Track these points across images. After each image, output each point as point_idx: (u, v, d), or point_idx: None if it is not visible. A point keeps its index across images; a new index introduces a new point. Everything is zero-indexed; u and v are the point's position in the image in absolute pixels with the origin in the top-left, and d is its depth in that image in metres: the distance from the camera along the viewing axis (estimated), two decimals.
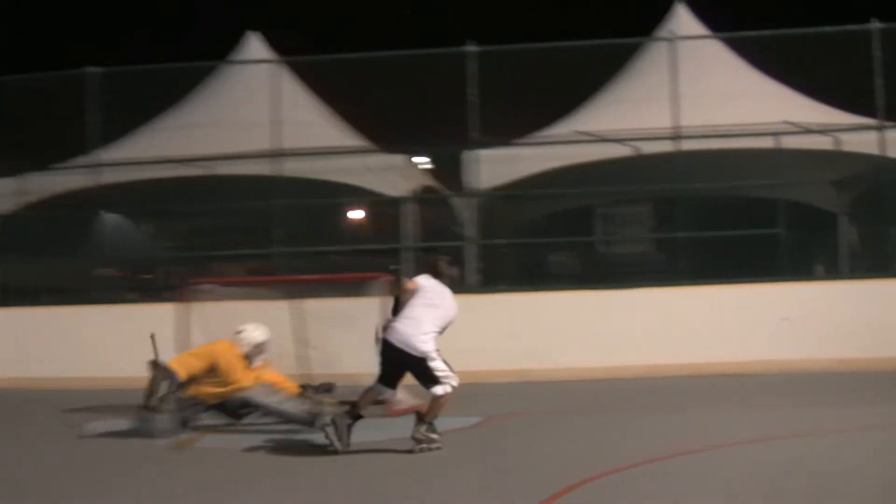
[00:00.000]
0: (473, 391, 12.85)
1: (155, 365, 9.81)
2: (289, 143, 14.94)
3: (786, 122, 14.76)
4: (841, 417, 9.91)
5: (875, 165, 14.73)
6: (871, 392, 11.46)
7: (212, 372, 9.81)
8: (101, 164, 15.38)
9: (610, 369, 13.44)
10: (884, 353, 13.08)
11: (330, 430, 8.59)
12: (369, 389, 8.93)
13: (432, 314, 8.84)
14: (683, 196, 14.41)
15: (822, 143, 15.05)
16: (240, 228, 15.96)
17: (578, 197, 16.03)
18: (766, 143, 14.75)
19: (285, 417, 9.73)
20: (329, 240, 15.43)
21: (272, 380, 10.05)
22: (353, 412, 8.74)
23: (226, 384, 9.80)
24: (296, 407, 9.76)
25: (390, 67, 14.90)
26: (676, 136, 14.44)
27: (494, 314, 13.96)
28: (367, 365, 10.46)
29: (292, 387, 10.13)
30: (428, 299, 8.92)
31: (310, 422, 9.48)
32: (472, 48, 14.63)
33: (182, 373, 9.68)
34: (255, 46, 17.28)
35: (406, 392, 10.88)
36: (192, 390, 9.79)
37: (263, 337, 10.12)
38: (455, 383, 8.73)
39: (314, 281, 11.62)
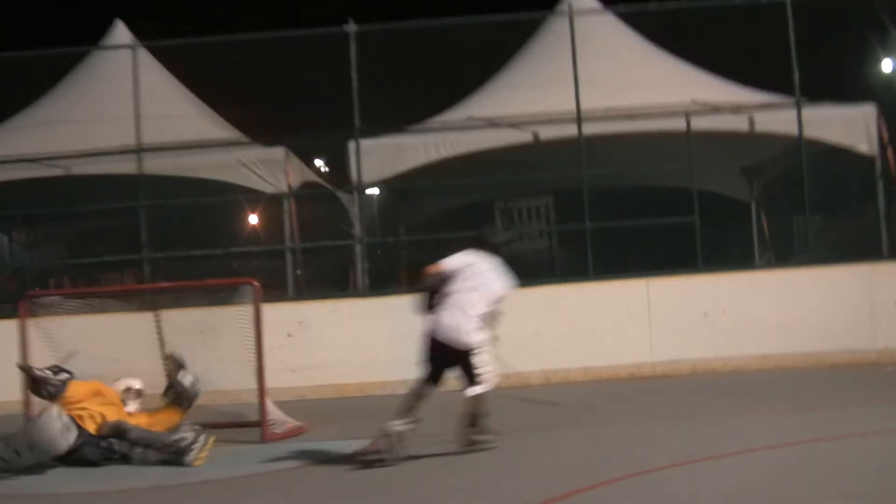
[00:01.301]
0: (357, 407, 11.68)
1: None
2: (155, 138, 13.45)
3: (694, 102, 13.70)
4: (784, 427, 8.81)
5: (791, 146, 13.74)
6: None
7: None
8: None
9: (508, 377, 12.19)
10: (808, 348, 12.17)
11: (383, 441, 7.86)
12: (414, 392, 8.25)
13: (474, 298, 7.97)
14: (588, 184, 13.22)
15: (734, 124, 14.02)
16: (102, 233, 14.28)
17: (474, 190, 14.72)
18: (675, 125, 13.66)
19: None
20: (203, 243, 13.85)
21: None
22: (409, 416, 8.03)
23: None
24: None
25: (265, 50, 13.50)
26: (578, 120, 13.27)
27: (385, 319, 12.69)
28: (237, 380, 9.23)
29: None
30: (467, 280, 8.01)
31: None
32: (351, 27, 13.28)
33: None
34: (120, 33, 15.64)
35: (280, 413, 9.62)
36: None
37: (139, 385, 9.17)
38: (492, 383, 8.08)
39: (172, 288, 10.16)
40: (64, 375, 8.60)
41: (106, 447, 8.49)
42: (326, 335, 12.69)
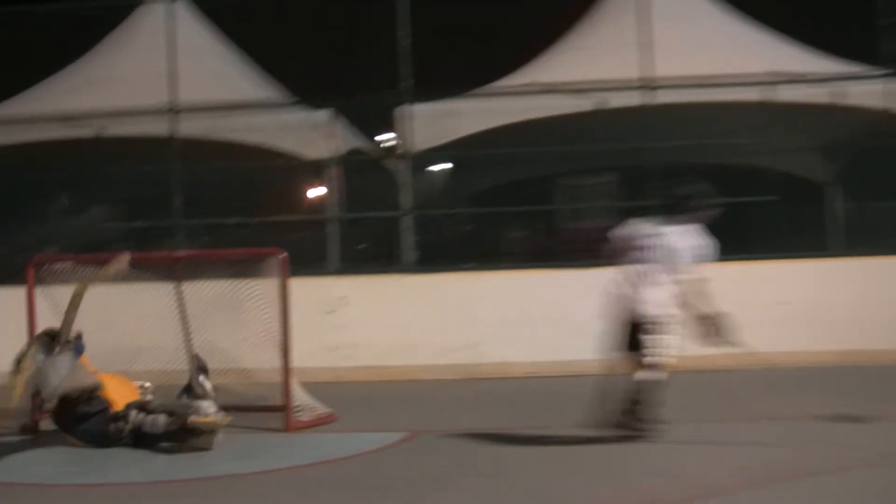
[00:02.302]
0: (403, 393, 10.77)
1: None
2: (193, 98, 12.56)
3: (772, 72, 12.53)
4: None
5: (878, 122, 12.52)
6: None
7: None
8: None
9: (566, 365, 11.21)
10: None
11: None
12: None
13: (657, 270, 7.28)
14: (656, 156, 12.12)
15: (814, 96, 12.81)
16: (132, 198, 13.45)
17: (531, 163, 13.61)
18: (750, 95, 12.51)
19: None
20: (240, 211, 12.95)
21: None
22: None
23: None
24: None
25: (311, 8, 12.52)
26: (648, 87, 12.19)
27: (432, 298, 11.77)
28: (266, 360, 8.35)
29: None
30: (650, 251, 7.32)
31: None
32: None
33: None
34: None
35: (309, 398, 8.72)
36: None
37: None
38: (663, 372, 7.30)
39: (192, 257, 9.25)
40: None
41: (123, 416, 7.69)
42: (369, 313, 11.81)
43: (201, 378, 8.09)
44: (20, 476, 7.18)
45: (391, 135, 12.80)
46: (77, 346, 7.90)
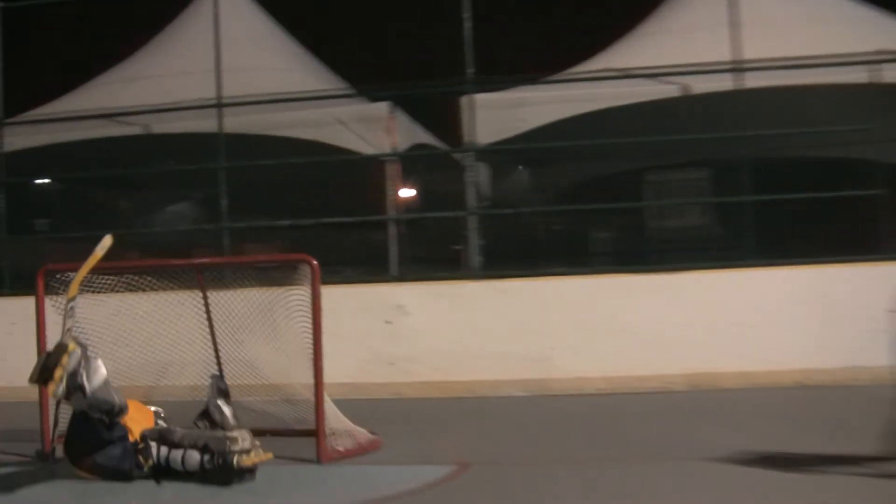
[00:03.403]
0: (463, 412, 9.74)
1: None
2: (240, 91, 11.69)
3: (881, 51, 11.21)
4: None
5: None
6: None
7: None
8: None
9: (646, 381, 10.09)
10: None
11: None
12: None
13: None
14: (745, 146, 10.91)
15: None
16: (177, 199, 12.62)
17: (610, 150, 12.38)
18: (856, 77, 11.21)
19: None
20: (290, 212, 12.03)
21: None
22: None
23: None
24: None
25: None
26: (737, 70, 10.97)
27: (499, 305, 10.71)
28: (298, 377, 7.37)
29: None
30: None
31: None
32: None
33: None
34: None
35: (349, 422, 7.69)
36: None
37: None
38: None
39: (216, 265, 8.29)
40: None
41: (143, 449, 6.73)
42: (430, 322, 10.82)
43: (220, 402, 7.11)
44: None
45: (455, 127, 11.72)
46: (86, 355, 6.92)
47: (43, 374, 6.34)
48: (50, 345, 7.60)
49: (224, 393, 7.21)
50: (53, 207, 12.63)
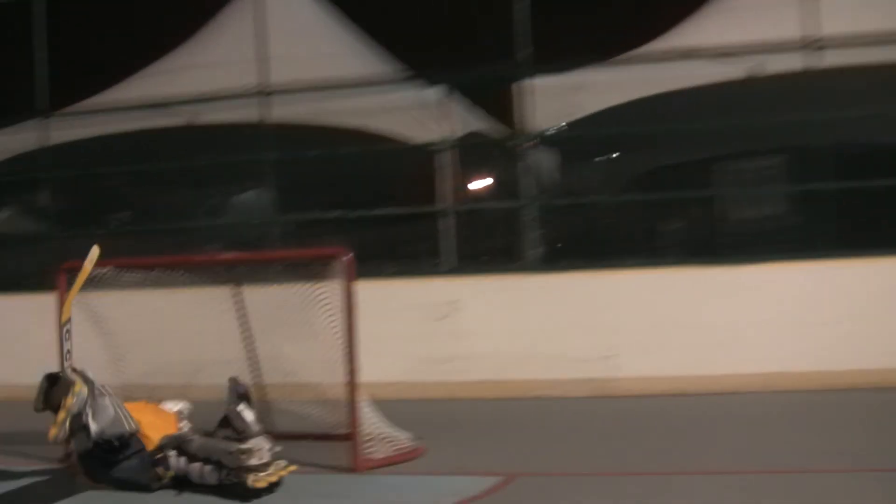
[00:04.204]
0: (512, 414, 9.13)
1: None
2: (286, 77, 11.20)
3: None
4: None
5: None
6: None
7: None
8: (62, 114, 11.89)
9: (717, 381, 9.39)
10: None
11: None
12: None
13: None
14: (823, 130, 10.13)
15: None
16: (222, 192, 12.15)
17: (677, 136, 11.60)
18: None
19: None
20: (339, 203, 11.51)
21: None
22: None
23: None
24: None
25: None
26: (812, 48, 10.18)
27: (560, 301, 10.07)
28: (333, 374, 6.83)
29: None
30: None
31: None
32: None
33: None
34: None
35: (388, 427, 7.12)
36: None
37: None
38: None
39: (246, 261, 7.75)
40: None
41: (161, 460, 6.23)
42: (486, 319, 10.25)
43: (241, 408, 6.58)
44: None
45: (512, 113, 11.08)
46: (85, 377, 6.41)
47: (46, 406, 5.82)
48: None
49: (244, 396, 6.68)
50: (98, 201, 12.24)
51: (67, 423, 5.56)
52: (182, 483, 6.19)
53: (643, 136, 11.42)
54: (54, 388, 5.74)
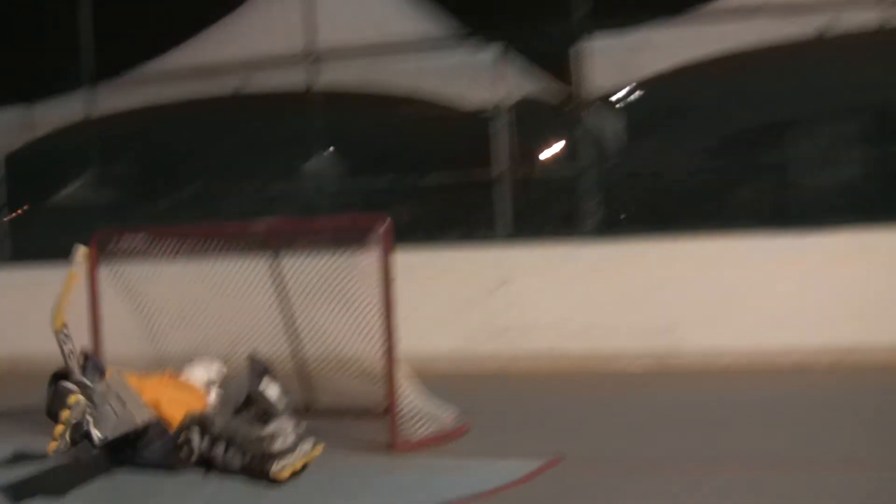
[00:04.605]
0: (566, 389, 8.73)
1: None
2: (335, 40, 10.83)
3: None
4: None
5: None
6: None
7: None
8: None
9: (795, 355, 8.89)
10: None
11: None
12: None
13: None
14: None
15: None
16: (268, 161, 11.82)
17: (744, 97, 11.00)
18: None
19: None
20: (389, 171, 11.16)
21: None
22: None
23: None
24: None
25: None
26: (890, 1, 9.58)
27: (620, 270, 9.62)
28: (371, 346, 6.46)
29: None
30: None
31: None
32: None
33: None
34: None
35: (431, 404, 6.75)
36: None
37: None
38: None
39: (282, 230, 7.39)
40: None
41: (183, 443, 5.93)
42: (542, 289, 9.87)
43: (263, 385, 6.25)
44: None
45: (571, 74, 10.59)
46: (95, 367, 6.07)
47: (49, 416, 5.49)
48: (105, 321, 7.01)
49: (265, 373, 6.34)
50: (147, 172, 12.03)
51: (68, 435, 5.23)
52: (208, 463, 5.89)
53: (709, 99, 10.85)
54: (52, 399, 5.40)
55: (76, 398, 5.20)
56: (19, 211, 12.40)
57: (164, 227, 7.57)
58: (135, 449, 5.92)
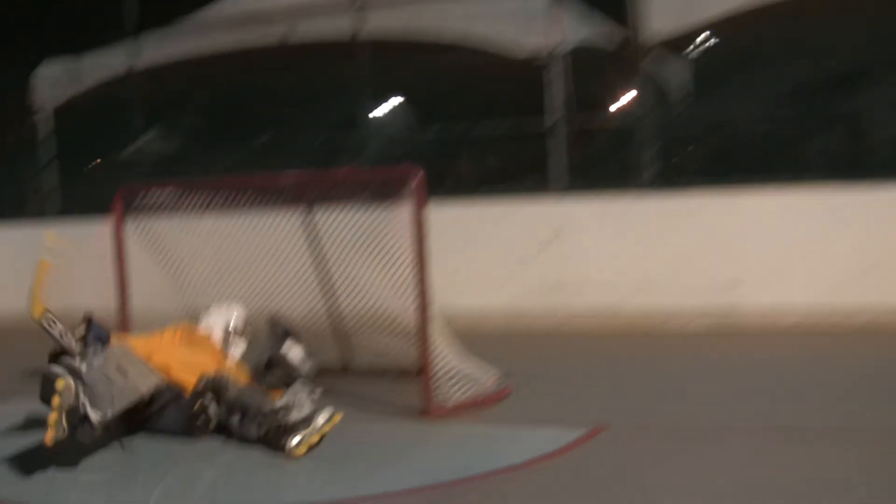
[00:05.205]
0: (620, 349, 8.30)
1: None
2: None
3: None
4: None
5: None
6: None
7: None
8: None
9: (863, 315, 8.35)
10: None
11: None
12: None
13: None
14: None
15: None
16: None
17: (814, 41, 10.35)
18: None
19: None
20: (439, 121, 10.73)
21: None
22: None
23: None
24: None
25: None
26: None
27: (680, 224, 9.13)
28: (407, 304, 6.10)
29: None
30: None
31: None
32: None
33: None
34: None
35: (472, 363, 6.38)
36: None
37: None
38: None
39: (313, 182, 7.00)
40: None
41: (199, 413, 5.62)
42: (597, 243, 9.44)
43: (285, 348, 5.92)
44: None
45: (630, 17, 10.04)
46: (98, 336, 5.74)
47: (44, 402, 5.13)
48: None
49: (287, 335, 6.01)
50: (193, 124, 11.76)
51: (64, 421, 4.90)
52: (226, 430, 5.59)
53: (777, 44, 10.24)
54: (42, 385, 5.06)
55: (63, 382, 4.87)
56: (97, 161, 12.16)
57: (192, 180, 7.19)
58: (148, 417, 5.62)
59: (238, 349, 6.27)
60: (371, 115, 10.62)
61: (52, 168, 12.45)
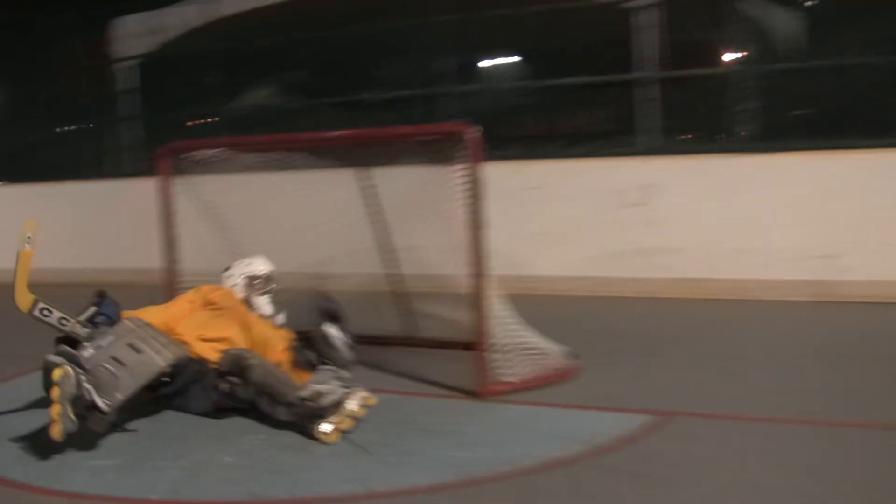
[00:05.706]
0: (706, 322, 7.67)
1: None
2: None
3: None
4: None
5: None
6: None
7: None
8: None
9: None
10: None
11: None
12: None
13: None
14: None
15: None
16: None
17: None
18: None
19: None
20: (520, 73, 10.15)
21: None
22: None
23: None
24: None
25: None
26: None
27: (777, 187, 8.44)
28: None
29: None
30: None
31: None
32: None
33: None
34: None
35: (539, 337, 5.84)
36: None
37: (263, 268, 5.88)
38: None
39: (366, 138, 6.49)
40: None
41: (226, 392, 5.21)
42: (688, 207, 8.80)
43: (332, 332, 5.46)
44: None
45: None
46: (107, 313, 5.33)
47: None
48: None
49: (335, 316, 5.55)
50: (269, 76, 11.40)
51: (70, 412, 4.50)
52: (255, 408, 5.16)
53: None
54: (42, 375, 4.65)
55: (60, 371, 4.47)
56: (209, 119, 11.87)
57: (241, 137, 6.78)
58: (172, 394, 5.23)
59: (266, 308, 5.83)
60: (450, 66, 10.05)
61: (136, 124, 12.23)
